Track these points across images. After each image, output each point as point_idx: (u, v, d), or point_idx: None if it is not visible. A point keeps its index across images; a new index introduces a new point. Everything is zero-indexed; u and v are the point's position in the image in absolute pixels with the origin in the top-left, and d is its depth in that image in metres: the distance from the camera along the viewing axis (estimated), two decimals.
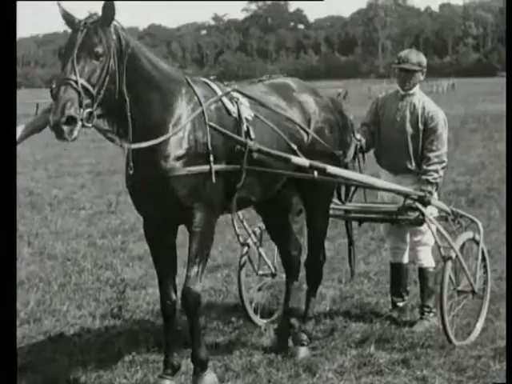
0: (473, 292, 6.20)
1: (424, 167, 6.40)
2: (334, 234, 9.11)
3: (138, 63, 4.83)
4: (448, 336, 5.92)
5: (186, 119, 5.00)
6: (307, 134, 5.73)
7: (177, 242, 5.38)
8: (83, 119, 4.51)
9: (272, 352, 5.91)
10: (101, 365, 5.72)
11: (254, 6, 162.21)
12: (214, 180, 5.03)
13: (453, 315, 6.00)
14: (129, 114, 4.81)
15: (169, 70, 5.09)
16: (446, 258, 5.97)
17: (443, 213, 6.41)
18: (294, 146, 5.58)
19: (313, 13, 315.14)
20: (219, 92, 5.29)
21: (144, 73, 4.87)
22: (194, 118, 5.02)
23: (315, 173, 5.62)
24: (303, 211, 6.20)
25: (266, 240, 6.76)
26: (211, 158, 5.03)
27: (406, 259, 6.79)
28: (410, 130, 6.47)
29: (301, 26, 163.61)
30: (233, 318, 6.70)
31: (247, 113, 5.35)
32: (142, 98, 4.86)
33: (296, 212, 6.30)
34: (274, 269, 6.78)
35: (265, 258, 6.71)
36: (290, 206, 6.27)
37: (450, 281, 5.98)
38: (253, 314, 6.65)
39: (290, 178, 5.72)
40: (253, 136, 5.28)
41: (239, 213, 6.01)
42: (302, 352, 5.86)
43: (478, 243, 6.31)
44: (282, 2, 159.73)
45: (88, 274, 8.37)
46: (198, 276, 5.10)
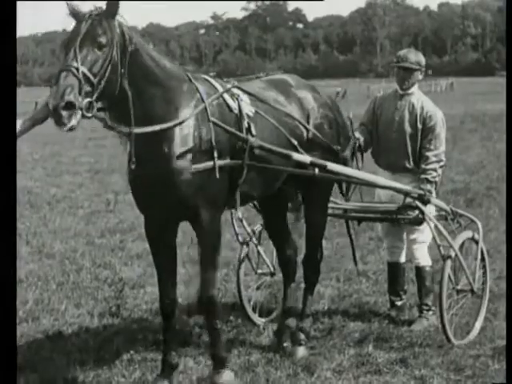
0: (472, 291, 6.20)
1: (423, 166, 6.40)
2: (332, 233, 9.11)
3: (140, 59, 4.82)
4: (447, 335, 5.92)
5: (190, 114, 4.97)
6: (307, 129, 5.73)
7: (177, 242, 5.37)
8: (83, 108, 4.48)
9: (270, 351, 5.91)
10: (99, 363, 5.71)
11: (252, 5, 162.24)
12: (217, 176, 5.02)
13: (452, 314, 6.00)
14: (131, 108, 4.78)
15: (171, 67, 5.08)
16: (445, 257, 5.97)
17: (442, 212, 6.41)
18: (295, 142, 5.57)
19: (312, 12, 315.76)
20: (220, 88, 5.28)
21: (146, 69, 4.85)
22: (196, 114, 5.00)
23: (316, 170, 5.62)
24: (302, 207, 6.19)
25: (265, 239, 6.75)
26: (215, 154, 5.02)
27: (403, 258, 6.79)
28: (408, 129, 6.47)
29: (300, 26, 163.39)
30: (231, 317, 6.70)
31: (248, 109, 5.34)
32: (144, 93, 4.84)
33: (295, 208, 6.29)
34: (272, 268, 6.77)
35: (264, 257, 6.70)
36: (287, 204, 6.26)
37: (450, 280, 5.98)
38: (251, 313, 6.65)
39: (290, 174, 5.71)
40: (254, 132, 5.27)
41: (238, 212, 5.99)
42: (301, 351, 5.85)
43: (477, 243, 6.31)
44: (280, 2, 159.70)
45: (86, 272, 8.36)
46: (212, 280, 5.14)
